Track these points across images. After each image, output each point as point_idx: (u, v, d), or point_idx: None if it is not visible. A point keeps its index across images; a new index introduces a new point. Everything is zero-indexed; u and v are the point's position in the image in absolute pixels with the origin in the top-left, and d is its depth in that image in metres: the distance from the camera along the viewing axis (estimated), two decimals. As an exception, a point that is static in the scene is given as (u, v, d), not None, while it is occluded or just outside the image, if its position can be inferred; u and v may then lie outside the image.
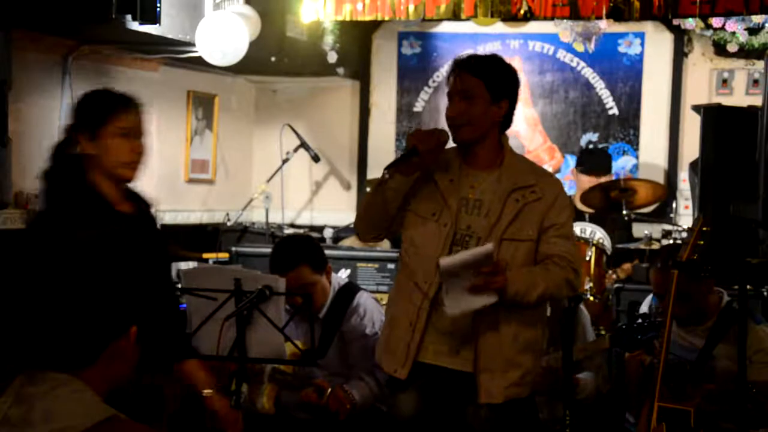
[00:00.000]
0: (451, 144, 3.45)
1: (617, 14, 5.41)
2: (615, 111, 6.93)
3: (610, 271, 5.51)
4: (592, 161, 6.28)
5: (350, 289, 4.32)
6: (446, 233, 3.34)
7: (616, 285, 5.45)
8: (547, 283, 3.30)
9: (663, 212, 6.59)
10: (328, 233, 6.58)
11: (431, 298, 3.33)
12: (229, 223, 6.71)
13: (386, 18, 5.86)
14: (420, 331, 3.34)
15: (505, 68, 3.46)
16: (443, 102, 7.41)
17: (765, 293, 4.89)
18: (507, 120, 3.46)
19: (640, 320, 4.04)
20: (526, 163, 3.57)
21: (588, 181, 6.09)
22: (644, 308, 4.54)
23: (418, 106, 7.26)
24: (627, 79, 6.91)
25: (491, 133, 3.42)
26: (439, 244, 3.34)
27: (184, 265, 5.79)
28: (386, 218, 3.43)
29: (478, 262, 3.18)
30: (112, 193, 3.14)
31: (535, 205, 3.36)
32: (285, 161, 6.86)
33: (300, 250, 4.19)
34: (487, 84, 3.35)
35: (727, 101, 6.09)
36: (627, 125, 6.92)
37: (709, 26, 6.46)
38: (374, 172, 7.21)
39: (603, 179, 6.13)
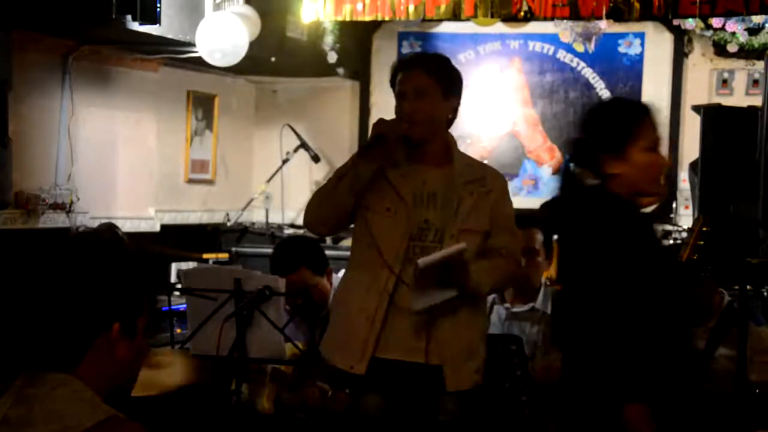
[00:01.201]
0: None
1: (617, 14, 5.41)
2: (615, 111, 6.91)
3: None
4: None
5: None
6: (404, 228, 3.37)
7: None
8: (498, 277, 3.45)
9: (663, 212, 6.59)
10: (328, 233, 6.58)
11: (391, 292, 3.35)
12: (229, 224, 6.71)
13: (386, 18, 5.86)
14: (379, 326, 3.35)
15: (449, 65, 3.53)
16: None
17: (765, 293, 4.90)
18: (453, 116, 3.52)
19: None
20: (471, 158, 3.68)
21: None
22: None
23: (418, 107, 7.25)
24: (627, 80, 6.90)
25: (441, 129, 3.48)
26: (396, 238, 3.36)
27: (185, 265, 5.81)
28: (345, 210, 3.43)
29: (451, 260, 3.24)
30: None
31: (486, 197, 3.44)
32: (285, 161, 6.86)
33: (300, 252, 4.19)
34: (439, 81, 3.41)
35: (727, 101, 6.08)
36: (627, 125, 6.91)
37: (709, 26, 6.46)
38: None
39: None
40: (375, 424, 3.44)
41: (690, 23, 6.45)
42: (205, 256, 6.26)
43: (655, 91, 6.85)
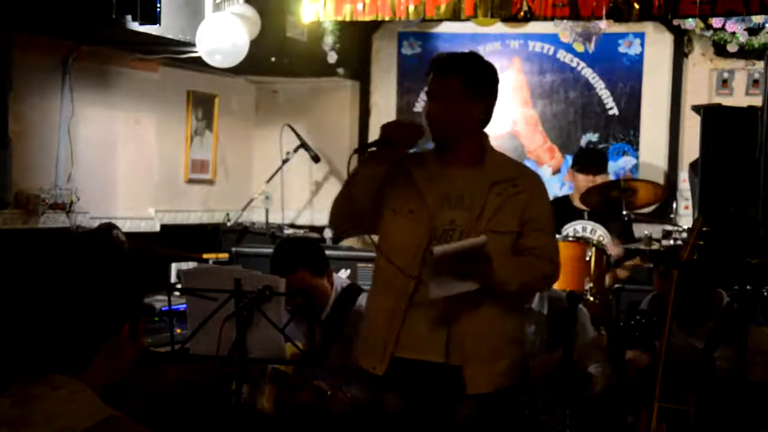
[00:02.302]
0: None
1: (617, 14, 5.41)
2: (615, 111, 6.93)
3: (617, 270, 5.51)
4: (587, 160, 6.28)
5: (353, 290, 4.31)
6: (423, 230, 3.35)
7: (616, 285, 5.45)
8: (528, 275, 3.37)
9: (663, 212, 6.59)
10: (328, 233, 6.58)
11: (410, 293, 3.34)
12: (229, 224, 6.71)
13: (386, 18, 5.86)
14: (397, 327, 3.34)
15: (482, 66, 3.47)
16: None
17: (765, 293, 4.89)
18: (486, 117, 3.49)
19: (638, 317, 4.04)
20: (506, 158, 3.63)
21: (584, 180, 6.08)
22: (643, 308, 4.54)
23: (418, 107, 7.26)
24: (627, 80, 6.91)
25: (471, 131, 3.45)
26: (416, 240, 3.35)
27: (185, 265, 5.81)
28: (357, 208, 3.41)
29: (469, 253, 3.21)
30: None
31: (516, 198, 3.40)
32: (285, 161, 6.86)
33: (300, 253, 4.19)
34: (465, 85, 3.37)
35: (727, 101, 6.09)
36: (627, 125, 6.92)
37: (709, 26, 6.46)
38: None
39: (599, 179, 6.13)
40: (394, 424, 3.44)
41: (690, 23, 6.45)
42: (205, 256, 6.25)
43: (655, 91, 6.86)
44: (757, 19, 6.26)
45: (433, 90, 3.42)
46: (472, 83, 3.38)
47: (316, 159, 6.93)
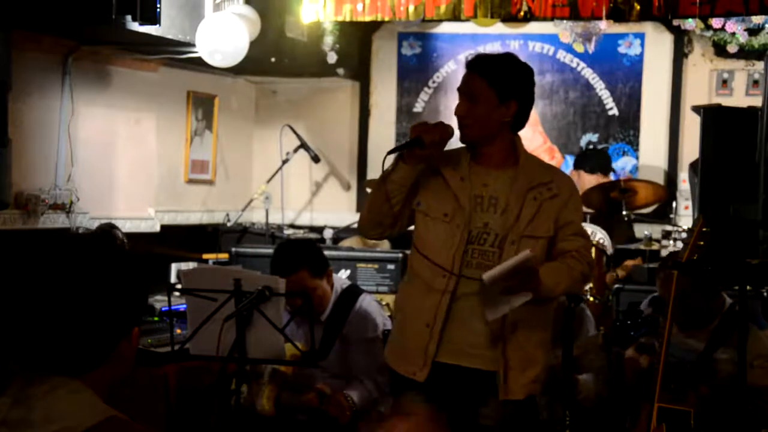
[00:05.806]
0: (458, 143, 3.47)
1: (617, 15, 5.41)
2: (615, 111, 6.93)
3: (613, 271, 5.51)
4: (596, 161, 6.28)
5: (353, 291, 4.31)
6: (460, 233, 3.34)
7: (616, 285, 5.45)
8: (569, 278, 3.37)
9: (663, 213, 6.59)
10: (327, 234, 6.59)
11: (449, 300, 3.33)
12: (229, 224, 6.71)
13: (386, 18, 5.86)
14: (438, 332, 3.34)
15: (515, 68, 3.43)
16: (443, 102, 7.44)
17: (765, 294, 4.89)
18: (519, 120, 3.45)
19: (639, 318, 4.04)
20: (540, 161, 3.61)
21: (592, 180, 6.09)
22: (643, 308, 4.54)
23: (418, 107, 7.26)
24: (627, 80, 6.91)
25: (501, 133, 3.41)
26: (453, 244, 3.33)
27: (184, 266, 5.81)
28: (390, 213, 3.37)
29: (517, 270, 3.20)
30: None
31: (551, 202, 3.38)
32: (285, 162, 6.86)
33: (300, 254, 4.19)
34: (493, 85, 3.34)
35: (727, 102, 6.09)
36: (627, 126, 6.92)
37: (709, 27, 6.46)
38: (374, 172, 7.21)
39: (605, 179, 6.14)
40: None
41: (690, 24, 6.45)
42: (205, 256, 6.26)
43: (655, 91, 6.86)
44: (757, 19, 6.26)
45: (460, 88, 3.41)
46: (499, 85, 3.34)
47: (316, 159, 6.93)
